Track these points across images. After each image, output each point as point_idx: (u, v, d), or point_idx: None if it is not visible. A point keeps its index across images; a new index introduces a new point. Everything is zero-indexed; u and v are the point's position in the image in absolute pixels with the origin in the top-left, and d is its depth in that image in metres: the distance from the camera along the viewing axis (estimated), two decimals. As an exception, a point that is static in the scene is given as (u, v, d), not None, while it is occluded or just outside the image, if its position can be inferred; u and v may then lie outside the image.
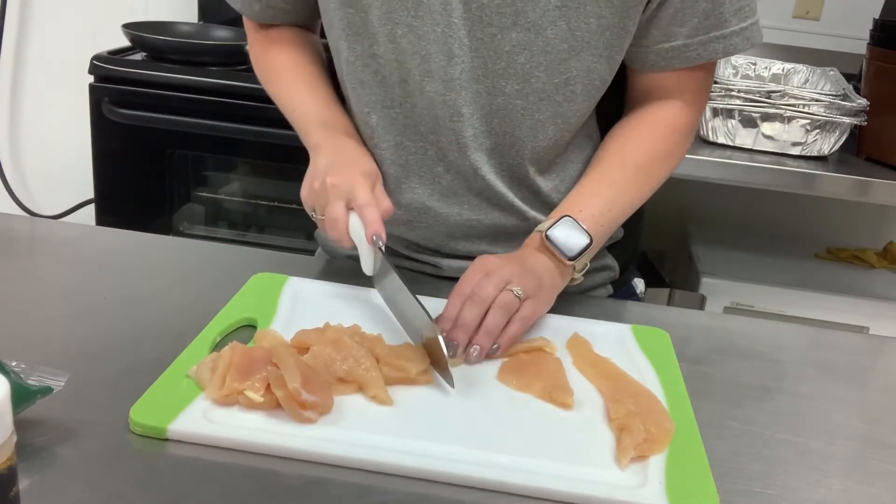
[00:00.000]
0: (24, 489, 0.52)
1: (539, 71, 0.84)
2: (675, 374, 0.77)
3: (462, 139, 0.87)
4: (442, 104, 0.85)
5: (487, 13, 0.81)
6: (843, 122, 1.54)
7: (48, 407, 0.60)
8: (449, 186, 0.91)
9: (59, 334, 0.75)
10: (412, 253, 0.98)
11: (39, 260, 0.92)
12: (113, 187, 1.77)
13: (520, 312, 0.78)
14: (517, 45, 0.82)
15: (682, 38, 0.86)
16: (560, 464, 0.62)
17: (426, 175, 0.91)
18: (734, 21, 0.85)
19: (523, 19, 0.81)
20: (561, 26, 0.81)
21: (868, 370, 0.89)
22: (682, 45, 0.86)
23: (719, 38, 0.86)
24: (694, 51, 0.86)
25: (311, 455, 0.61)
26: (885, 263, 1.89)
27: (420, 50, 0.84)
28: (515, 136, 0.87)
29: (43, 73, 2.23)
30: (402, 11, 0.82)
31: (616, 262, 1.02)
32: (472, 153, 0.88)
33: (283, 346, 0.69)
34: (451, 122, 0.86)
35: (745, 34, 0.86)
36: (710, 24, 0.85)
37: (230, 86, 1.65)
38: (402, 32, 0.83)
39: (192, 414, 0.63)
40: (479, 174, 0.89)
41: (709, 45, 0.86)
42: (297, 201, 0.86)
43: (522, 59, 0.83)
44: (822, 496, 0.64)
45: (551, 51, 0.83)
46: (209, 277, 0.91)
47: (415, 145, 0.90)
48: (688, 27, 0.85)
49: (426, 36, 0.83)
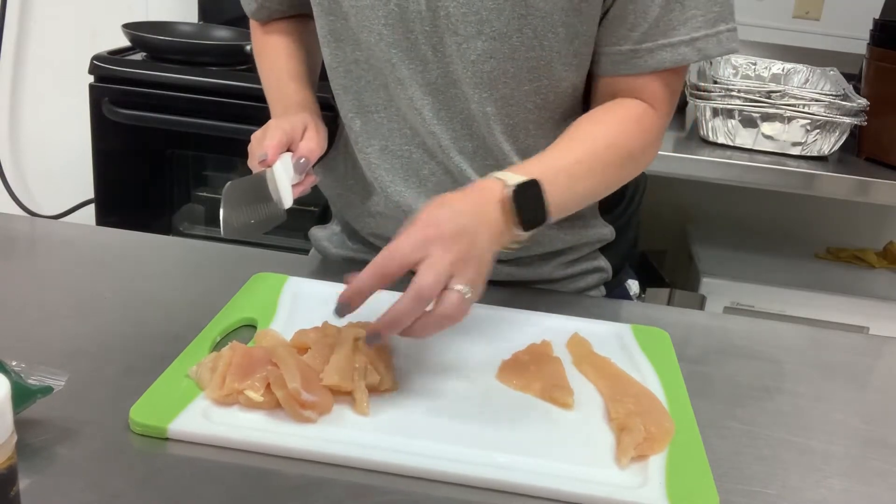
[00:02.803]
0: (24, 489, 0.52)
1: (506, 78, 0.83)
2: (675, 374, 0.77)
3: (443, 142, 0.87)
4: (419, 110, 0.86)
5: (453, 21, 0.81)
6: (843, 122, 1.54)
7: (48, 407, 0.60)
8: (436, 188, 0.91)
9: (59, 334, 0.75)
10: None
11: (39, 260, 0.92)
12: (113, 187, 1.77)
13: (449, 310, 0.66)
14: (483, 54, 0.82)
15: (630, 43, 0.84)
16: (560, 464, 0.62)
17: (413, 178, 0.91)
18: (683, 30, 0.82)
19: (488, 28, 0.81)
20: (527, 34, 0.81)
21: (868, 370, 0.89)
22: (630, 51, 0.84)
23: (666, 47, 0.83)
24: (641, 58, 0.84)
25: (311, 455, 0.61)
26: (885, 263, 1.89)
27: (391, 58, 0.84)
28: (492, 140, 0.87)
29: (43, 72, 2.23)
30: (374, 20, 0.83)
31: (609, 263, 1.01)
32: (455, 156, 0.88)
33: (283, 346, 0.70)
34: (430, 127, 0.87)
35: (697, 45, 0.83)
36: (658, 31, 0.82)
37: (230, 86, 1.65)
38: (374, 40, 0.84)
39: (192, 414, 0.63)
40: (465, 175, 0.89)
41: (656, 52, 0.83)
42: (296, 201, 0.86)
43: (489, 67, 0.82)
44: (822, 496, 0.64)
45: (518, 59, 0.82)
46: (209, 277, 0.91)
47: (400, 149, 0.90)
48: (637, 32, 0.83)
49: (397, 44, 0.83)
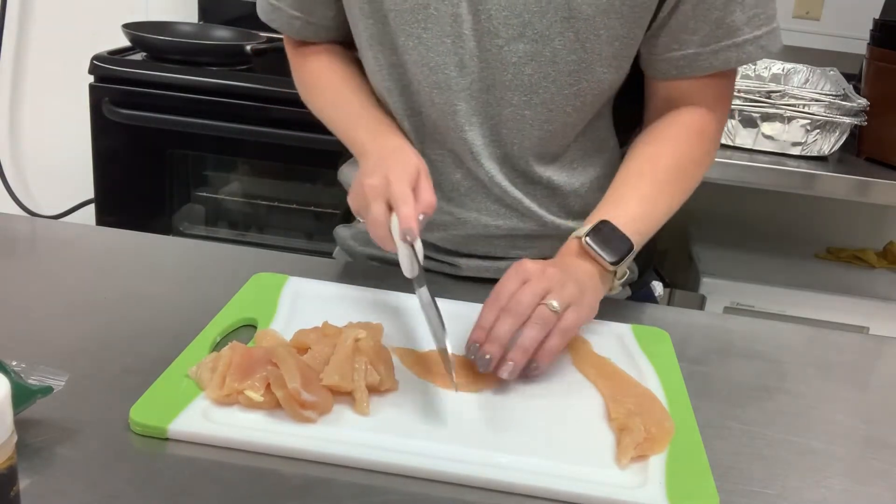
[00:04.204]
0: (24, 489, 0.52)
1: (547, 82, 0.83)
2: (675, 374, 0.77)
3: (474, 148, 0.87)
4: (452, 114, 0.86)
5: (495, 24, 0.81)
6: (843, 122, 1.54)
7: (48, 407, 0.60)
8: (467, 193, 0.91)
9: (59, 334, 0.75)
10: (431, 253, 0.98)
11: (39, 260, 0.92)
12: (113, 187, 1.77)
13: (560, 324, 0.73)
14: (523, 56, 0.82)
15: (693, 46, 0.84)
16: (560, 464, 0.62)
17: (445, 182, 0.91)
18: (747, 29, 0.83)
19: (530, 30, 0.80)
20: (569, 37, 0.81)
21: (868, 370, 0.89)
22: (693, 54, 0.85)
23: (731, 47, 0.84)
24: (706, 59, 0.85)
25: (311, 455, 0.61)
26: (885, 263, 1.89)
27: (428, 61, 0.84)
28: (525, 145, 0.87)
29: (43, 72, 2.23)
30: (413, 23, 0.83)
31: (634, 263, 1.00)
32: (485, 161, 0.88)
33: (283, 346, 0.69)
34: (462, 132, 0.86)
35: (760, 42, 0.84)
36: (722, 32, 0.83)
37: (230, 86, 1.65)
38: (412, 44, 0.84)
39: (192, 414, 0.63)
40: (495, 181, 0.89)
41: (721, 53, 0.84)
42: (297, 201, 0.86)
43: (529, 70, 0.82)
44: (822, 496, 0.64)
45: (559, 62, 0.82)
46: (209, 277, 0.91)
47: (434, 153, 0.90)
48: (699, 35, 0.83)
49: (434, 47, 0.83)
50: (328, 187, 1.80)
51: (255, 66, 1.73)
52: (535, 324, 0.71)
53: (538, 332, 0.71)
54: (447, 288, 0.92)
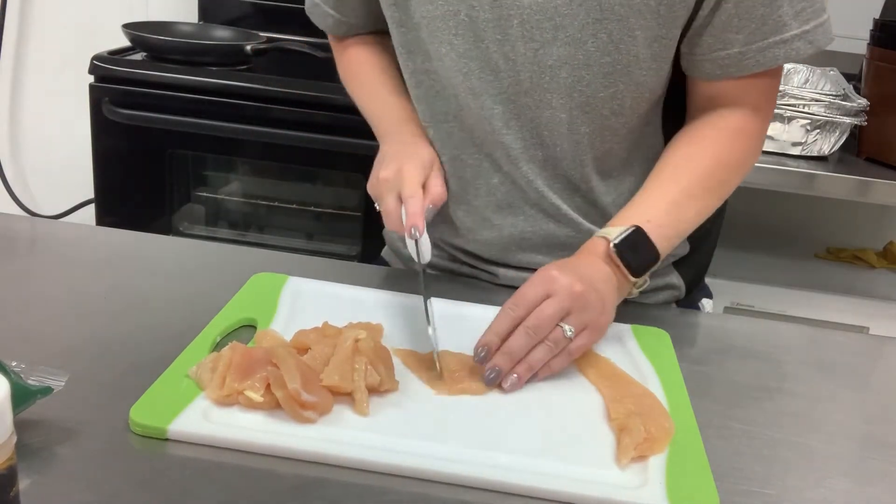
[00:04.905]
0: (24, 489, 0.52)
1: (582, 85, 0.82)
2: (675, 374, 0.77)
3: (512, 152, 0.87)
4: (489, 119, 0.86)
5: (528, 28, 0.80)
6: (843, 122, 1.54)
7: (48, 407, 0.60)
8: (504, 198, 0.91)
9: (59, 334, 0.75)
10: (470, 260, 0.98)
11: (39, 260, 0.92)
12: (113, 187, 1.76)
13: (570, 346, 0.73)
14: (558, 60, 0.81)
15: (738, 45, 0.81)
16: (560, 464, 0.62)
17: (482, 187, 0.91)
18: (794, 24, 0.80)
19: (563, 33, 0.80)
20: (602, 38, 0.79)
21: (868, 370, 0.89)
22: (738, 53, 0.81)
23: (779, 44, 0.80)
24: (752, 58, 0.81)
25: (311, 455, 0.61)
26: (885, 263, 1.89)
27: (462, 67, 0.84)
28: (564, 148, 0.86)
29: (43, 72, 2.23)
30: (445, 30, 0.83)
31: (682, 280, 0.99)
32: (524, 165, 0.88)
33: (283, 346, 0.69)
34: (500, 136, 0.86)
35: (808, 37, 0.80)
36: (769, 29, 0.80)
37: (230, 86, 1.64)
38: (445, 50, 0.84)
39: (192, 414, 0.63)
40: (533, 186, 0.89)
41: (767, 51, 0.81)
42: (296, 201, 0.87)
43: (564, 73, 0.82)
44: (822, 496, 0.64)
45: (593, 64, 0.81)
46: (209, 277, 0.91)
47: (470, 158, 0.90)
48: (744, 34, 0.80)
49: (467, 53, 0.83)
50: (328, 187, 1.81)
51: (255, 66, 1.73)
52: (547, 345, 0.72)
53: (548, 354, 0.73)
54: (486, 294, 0.92)
